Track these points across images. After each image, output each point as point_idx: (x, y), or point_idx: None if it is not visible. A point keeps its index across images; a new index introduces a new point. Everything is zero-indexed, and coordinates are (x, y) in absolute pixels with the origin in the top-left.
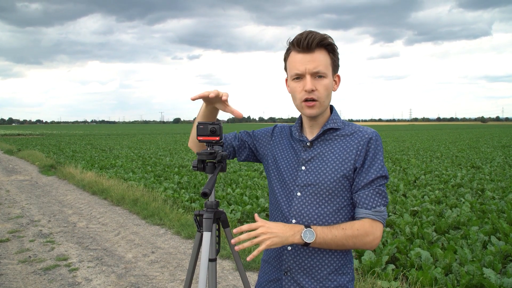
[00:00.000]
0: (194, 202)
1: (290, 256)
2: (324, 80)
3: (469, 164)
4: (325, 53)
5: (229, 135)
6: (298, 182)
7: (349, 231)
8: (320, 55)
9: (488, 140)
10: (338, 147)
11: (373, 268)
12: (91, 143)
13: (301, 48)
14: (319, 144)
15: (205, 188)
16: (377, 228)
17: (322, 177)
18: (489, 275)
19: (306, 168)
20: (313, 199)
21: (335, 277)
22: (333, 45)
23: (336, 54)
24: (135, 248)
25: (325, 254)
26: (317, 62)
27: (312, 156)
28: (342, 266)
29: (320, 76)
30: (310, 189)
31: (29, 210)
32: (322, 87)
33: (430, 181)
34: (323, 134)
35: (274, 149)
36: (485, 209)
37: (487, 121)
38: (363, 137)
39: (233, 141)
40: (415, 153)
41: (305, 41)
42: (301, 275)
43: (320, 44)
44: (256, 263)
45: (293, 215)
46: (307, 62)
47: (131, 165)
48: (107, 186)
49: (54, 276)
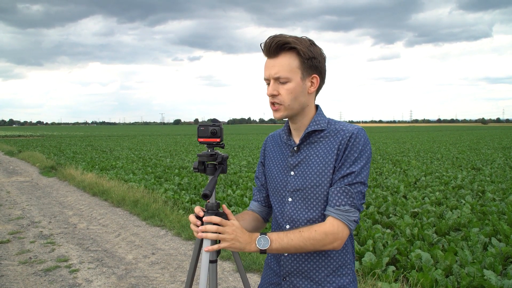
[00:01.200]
0: (195, 204)
1: (287, 261)
2: (288, 84)
3: (469, 165)
4: (292, 56)
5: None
6: (288, 188)
7: (305, 233)
8: (284, 59)
9: (488, 141)
10: (322, 148)
11: (374, 269)
12: (92, 144)
13: (266, 53)
14: (305, 148)
15: (205, 189)
16: (338, 227)
17: (308, 182)
18: (489, 277)
19: (295, 173)
20: (303, 203)
21: (333, 278)
22: (298, 48)
23: (308, 55)
24: (136, 249)
25: (321, 257)
26: (278, 67)
27: (299, 160)
28: (341, 267)
29: (282, 82)
30: (299, 194)
31: (29, 211)
32: (285, 92)
33: (431, 183)
34: (307, 137)
35: (267, 158)
36: (486, 210)
37: (488, 123)
38: (344, 135)
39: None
40: (416, 155)
41: (268, 46)
42: (299, 278)
43: (282, 48)
44: (256, 264)
45: (286, 221)
46: (271, 67)
47: (132, 166)
48: (107, 188)
49: (54, 278)
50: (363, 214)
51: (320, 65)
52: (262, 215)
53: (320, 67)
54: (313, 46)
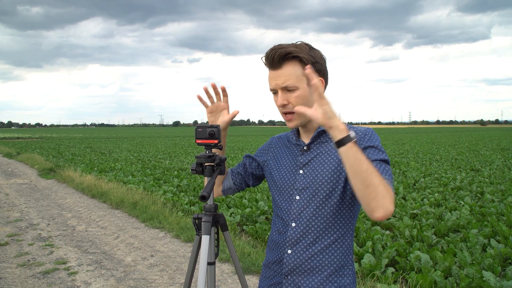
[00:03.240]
0: (194, 205)
1: (290, 260)
2: (296, 92)
3: (468, 167)
4: (295, 65)
5: (235, 168)
6: (296, 186)
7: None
8: (289, 68)
9: (487, 143)
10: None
11: (373, 271)
12: (91, 146)
13: (269, 65)
14: (316, 147)
15: (203, 191)
16: (392, 193)
17: (319, 179)
18: (488, 278)
19: (304, 172)
20: (311, 201)
21: (335, 278)
22: (300, 56)
23: (310, 61)
24: (134, 251)
25: (324, 255)
26: (284, 77)
27: (309, 159)
28: (343, 267)
29: (291, 90)
30: (308, 192)
31: (28, 213)
32: (294, 100)
33: (430, 184)
34: (318, 136)
35: (272, 157)
36: (485, 212)
37: (487, 124)
38: (358, 133)
39: (238, 169)
40: (415, 156)
41: (271, 58)
42: (301, 277)
43: (285, 58)
44: (255, 266)
45: (292, 219)
46: (277, 78)
47: (131, 168)
48: (106, 189)
49: (53, 280)
50: (362, 215)
51: (322, 68)
52: (228, 183)
53: (323, 70)
54: (313, 50)
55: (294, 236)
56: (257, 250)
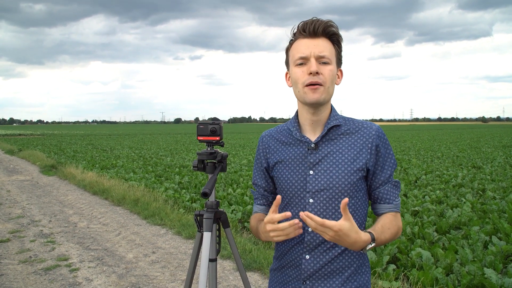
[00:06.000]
0: (195, 202)
1: (309, 265)
2: (329, 66)
3: (470, 164)
4: (330, 43)
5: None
6: (308, 188)
7: (393, 229)
8: (326, 42)
9: (489, 140)
10: (346, 146)
11: (374, 268)
12: (92, 143)
13: (307, 33)
14: (325, 145)
15: (205, 188)
16: (399, 218)
17: (335, 181)
18: (490, 275)
19: (315, 172)
20: (328, 204)
21: (355, 277)
22: (337, 35)
23: (340, 47)
24: (136, 248)
25: (344, 257)
26: (322, 47)
27: (320, 158)
28: (361, 266)
29: (325, 62)
30: (324, 194)
31: (29, 210)
32: (328, 72)
33: (431, 181)
34: (327, 133)
35: (273, 160)
36: (486, 209)
37: (488, 121)
38: (370, 134)
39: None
40: (416, 153)
41: (312, 26)
42: (322, 280)
43: (325, 32)
44: (257, 263)
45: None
46: (313, 46)
47: (132, 165)
48: (108, 186)
49: (54, 276)
50: None
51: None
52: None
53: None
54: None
55: (313, 241)
56: (258, 247)
